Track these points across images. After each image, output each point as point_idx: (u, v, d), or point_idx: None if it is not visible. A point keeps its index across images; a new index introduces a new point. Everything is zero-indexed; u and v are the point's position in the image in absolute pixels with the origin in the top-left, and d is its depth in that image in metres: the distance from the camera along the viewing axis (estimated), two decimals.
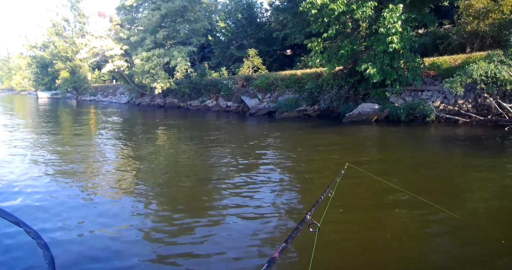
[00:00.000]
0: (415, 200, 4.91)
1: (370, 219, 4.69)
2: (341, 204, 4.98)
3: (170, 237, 4.42)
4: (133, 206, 5.60)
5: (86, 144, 12.18)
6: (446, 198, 5.35)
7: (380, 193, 5.55)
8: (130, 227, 4.77)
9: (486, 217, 4.72)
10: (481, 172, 6.88)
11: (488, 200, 5.33)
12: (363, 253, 3.93)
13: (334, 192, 3.10)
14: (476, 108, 13.29)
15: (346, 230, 4.42)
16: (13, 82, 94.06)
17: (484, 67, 11.10)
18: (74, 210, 5.45)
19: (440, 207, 4.49)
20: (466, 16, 18.11)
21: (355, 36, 15.90)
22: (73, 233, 4.60)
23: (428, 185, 6.11)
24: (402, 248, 3.99)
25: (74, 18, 50.43)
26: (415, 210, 4.87)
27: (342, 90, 16.93)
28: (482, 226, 4.45)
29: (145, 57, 26.71)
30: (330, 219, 4.29)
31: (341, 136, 12.33)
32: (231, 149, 10.57)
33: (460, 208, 4.77)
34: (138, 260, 3.90)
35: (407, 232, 4.34)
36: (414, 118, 13.78)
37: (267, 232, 4.44)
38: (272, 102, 21.21)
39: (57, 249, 4.13)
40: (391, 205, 5.20)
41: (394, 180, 6.01)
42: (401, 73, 14.39)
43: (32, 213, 5.34)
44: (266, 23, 36.98)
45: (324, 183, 5.92)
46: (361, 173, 5.86)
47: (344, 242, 4.16)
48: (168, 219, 5.04)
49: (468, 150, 9.03)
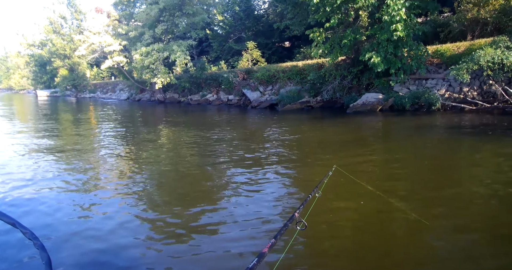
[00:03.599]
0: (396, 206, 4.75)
1: (354, 220, 4.63)
2: (327, 204, 4.99)
3: (168, 238, 4.38)
4: (131, 204, 5.55)
5: (85, 148, 12.09)
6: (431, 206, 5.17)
7: (365, 196, 5.31)
8: (128, 226, 4.73)
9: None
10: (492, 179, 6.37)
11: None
12: (348, 252, 3.93)
13: (321, 192, 3.18)
14: (482, 95, 13.16)
15: (331, 229, 4.43)
16: (11, 82, 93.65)
17: (491, 53, 10.95)
18: (73, 209, 5.42)
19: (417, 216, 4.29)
20: (466, 3, 17.93)
21: (357, 25, 15.71)
22: (70, 232, 4.57)
23: (425, 193, 5.46)
24: (388, 248, 3.94)
25: (71, 15, 50.02)
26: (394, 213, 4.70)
27: (345, 80, 16.77)
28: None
29: (144, 52, 26.50)
30: (316, 218, 4.33)
31: (347, 128, 12.22)
32: (234, 146, 10.47)
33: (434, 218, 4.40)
34: (136, 260, 3.88)
35: (389, 233, 4.26)
36: (419, 107, 13.65)
37: (262, 231, 4.40)
38: (274, 94, 21.05)
39: (54, 249, 4.08)
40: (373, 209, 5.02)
41: (386, 184, 5.85)
42: (405, 61, 14.22)
43: (28, 212, 5.31)
44: (263, 15, 36.73)
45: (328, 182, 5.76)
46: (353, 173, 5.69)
47: (329, 241, 4.16)
48: (161, 220, 4.99)
49: (477, 141, 8.74)
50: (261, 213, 4.88)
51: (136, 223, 4.83)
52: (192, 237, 4.31)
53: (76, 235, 4.49)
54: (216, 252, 3.91)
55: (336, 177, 5.40)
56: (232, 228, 4.48)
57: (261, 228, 4.41)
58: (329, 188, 4.61)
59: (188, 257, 3.87)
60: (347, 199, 5.28)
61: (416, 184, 5.91)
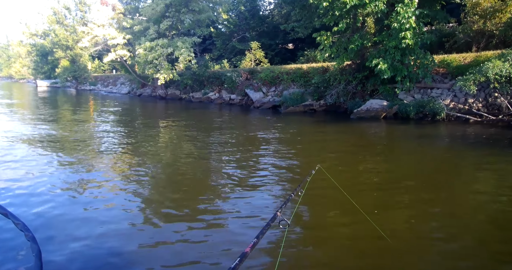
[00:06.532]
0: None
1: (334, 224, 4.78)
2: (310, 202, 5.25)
3: (154, 236, 4.45)
4: (125, 200, 5.64)
5: (83, 140, 12.01)
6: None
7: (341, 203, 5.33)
8: (121, 220, 4.85)
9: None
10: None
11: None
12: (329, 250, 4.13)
13: (304, 190, 3.26)
14: (487, 107, 13.13)
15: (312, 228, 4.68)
16: (12, 70, 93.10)
17: (500, 66, 10.92)
18: (66, 202, 5.47)
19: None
20: (472, 15, 17.93)
21: (365, 31, 15.66)
22: (64, 226, 4.62)
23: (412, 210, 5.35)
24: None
25: (75, 6, 49.71)
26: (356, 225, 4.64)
27: (349, 85, 16.70)
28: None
29: (148, 47, 26.34)
30: (298, 217, 4.81)
31: (349, 134, 12.18)
32: (235, 145, 10.40)
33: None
34: (128, 254, 3.97)
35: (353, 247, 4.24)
36: (424, 116, 13.60)
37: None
38: (277, 96, 20.98)
39: (45, 241, 4.14)
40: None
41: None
42: (411, 69, 14.18)
43: (22, 204, 5.36)
44: (268, 16, 36.64)
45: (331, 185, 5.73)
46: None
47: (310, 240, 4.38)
48: (152, 218, 5.06)
49: (479, 154, 8.62)
50: (254, 212, 5.06)
51: (129, 217, 4.95)
52: (189, 236, 4.40)
53: (69, 228, 4.54)
54: (205, 251, 4.04)
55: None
56: (223, 226, 4.67)
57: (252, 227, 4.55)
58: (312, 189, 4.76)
59: (180, 257, 3.94)
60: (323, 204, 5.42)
61: (395, 196, 5.81)
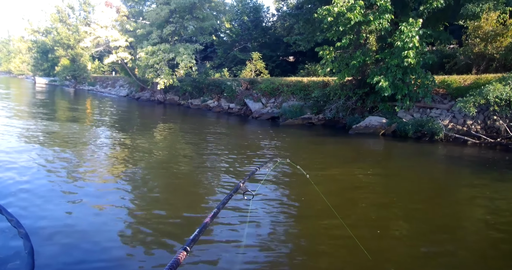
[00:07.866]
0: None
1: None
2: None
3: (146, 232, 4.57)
4: (119, 200, 5.71)
5: (79, 140, 11.89)
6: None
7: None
8: (114, 218, 4.93)
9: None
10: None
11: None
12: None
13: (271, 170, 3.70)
14: (485, 129, 13.16)
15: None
16: (11, 65, 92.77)
17: (500, 89, 10.98)
18: (60, 199, 5.50)
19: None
20: (474, 37, 18.14)
21: (367, 48, 15.74)
22: (57, 222, 4.65)
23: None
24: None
25: (79, 6, 49.82)
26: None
27: (349, 101, 16.72)
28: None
29: (150, 51, 26.32)
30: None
31: (346, 149, 12.16)
32: (233, 153, 10.31)
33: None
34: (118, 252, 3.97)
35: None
36: (422, 135, 13.60)
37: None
38: (276, 107, 20.95)
39: (38, 239, 4.08)
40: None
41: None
42: (412, 88, 14.23)
43: (17, 200, 5.34)
44: (271, 28, 36.90)
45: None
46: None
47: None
48: (145, 217, 5.11)
49: (475, 175, 8.62)
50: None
51: (122, 216, 5.04)
52: (185, 235, 4.46)
53: (63, 225, 4.56)
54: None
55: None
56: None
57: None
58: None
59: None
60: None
61: (380, 210, 5.86)
